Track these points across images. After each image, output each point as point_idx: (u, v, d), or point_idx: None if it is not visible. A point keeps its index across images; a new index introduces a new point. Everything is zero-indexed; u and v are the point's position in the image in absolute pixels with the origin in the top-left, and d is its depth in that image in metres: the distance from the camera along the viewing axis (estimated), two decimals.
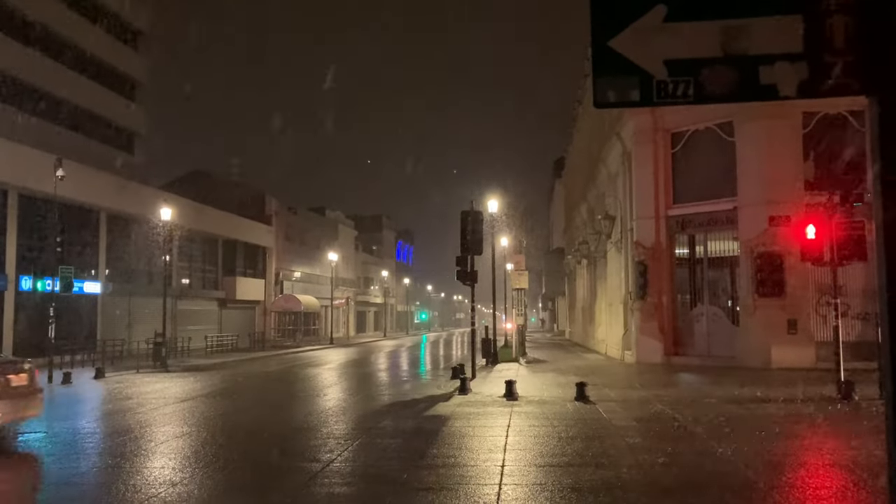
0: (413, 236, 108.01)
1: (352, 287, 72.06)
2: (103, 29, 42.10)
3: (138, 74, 46.40)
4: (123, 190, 34.15)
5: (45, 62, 36.80)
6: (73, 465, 9.19)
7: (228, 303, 46.47)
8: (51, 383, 20.23)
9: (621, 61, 2.39)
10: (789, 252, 18.62)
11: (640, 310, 23.20)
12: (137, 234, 34.24)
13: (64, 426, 12.63)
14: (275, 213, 53.77)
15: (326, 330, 57.31)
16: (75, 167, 27.03)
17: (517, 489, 7.14)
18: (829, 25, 2.31)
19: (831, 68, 2.31)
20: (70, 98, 38.64)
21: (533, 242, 49.92)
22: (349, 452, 9.40)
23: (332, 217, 68.39)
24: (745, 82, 2.36)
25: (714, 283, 23.36)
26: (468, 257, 18.80)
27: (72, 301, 28.80)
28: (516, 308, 30.97)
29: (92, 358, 26.60)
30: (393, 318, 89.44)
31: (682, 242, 23.64)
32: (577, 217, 42.07)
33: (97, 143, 40.97)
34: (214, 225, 44.32)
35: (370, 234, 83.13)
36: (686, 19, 2.37)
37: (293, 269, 56.98)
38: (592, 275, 35.55)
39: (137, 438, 11.06)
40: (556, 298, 67.40)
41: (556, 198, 62.51)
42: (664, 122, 22.91)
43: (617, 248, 27.27)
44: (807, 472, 7.94)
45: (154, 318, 30.64)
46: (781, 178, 19.94)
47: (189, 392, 18.24)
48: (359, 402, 15.72)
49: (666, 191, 23.15)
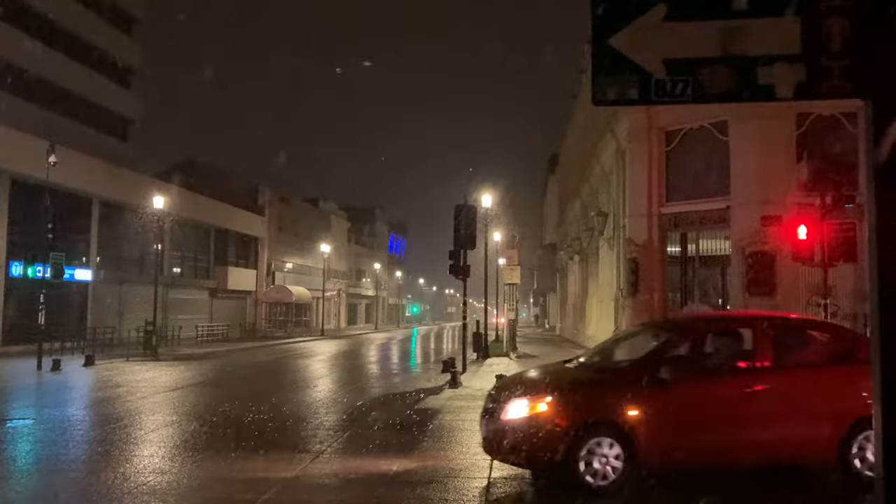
0: (406, 229, 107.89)
1: (344, 279, 71.99)
2: (97, 14, 41.81)
3: (133, 61, 46.09)
4: (116, 177, 34.00)
5: (38, 47, 36.50)
6: (62, 452, 9.17)
7: (220, 292, 46.37)
8: (40, 370, 20.17)
9: (621, 60, 2.40)
10: (780, 252, 18.68)
11: (630, 307, 23.26)
12: (130, 222, 34.06)
13: (53, 413, 12.61)
14: (268, 204, 53.64)
15: (318, 321, 57.29)
16: (68, 153, 26.88)
17: (506, 482, 7.18)
18: (826, 28, 2.33)
19: (828, 71, 2.33)
20: (63, 83, 38.32)
21: (526, 237, 49.98)
22: (339, 444, 9.42)
23: (325, 208, 68.24)
24: (742, 83, 2.38)
25: (705, 281, 23.44)
26: (461, 251, 18.83)
27: (62, 288, 28.65)
28: (508, 303, 31.04)
29: (82, 345, 26.52)
30: (384, 310, 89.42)
31: (674, 240, 23.68)
32: (570, 213, 42.12)
33: (91, 130, 40.69)
34: (207, 214, 44.18)
35: (363, 225, 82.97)
36: (686, 19, 2.38)
37: (285, 259, 56.88)
38: (584, 271, 35.62)
39: (127, 426, 11.05)
40: (547, 294, 67.52)
41: (549, 193, 62.57)
42: (659, 121, 22.93)
43: (609, 244, 27.32)
44: (795, 471, 7.99)
45: (145, 306, 30.56)
46: (774, 179, 20.01)
47: (179, 381, 18.22)
48: (349, 394, 15.74)
49: (659, 189, 23.19)
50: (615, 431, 6.49)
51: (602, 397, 6.88)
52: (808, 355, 7.62)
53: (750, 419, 6.75)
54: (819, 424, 6.77)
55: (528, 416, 6.65)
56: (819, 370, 7.28)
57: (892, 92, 2.26)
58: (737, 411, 6.85)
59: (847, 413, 6.70)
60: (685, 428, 6.69)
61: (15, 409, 13.70)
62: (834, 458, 6.79)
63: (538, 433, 6.51)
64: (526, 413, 6.70)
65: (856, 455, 6.73)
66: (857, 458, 6.73)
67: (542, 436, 6.49)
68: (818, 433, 6.76)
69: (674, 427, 6.66)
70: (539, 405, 6.73)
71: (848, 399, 6.75)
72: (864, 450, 6.66)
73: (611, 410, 6.65)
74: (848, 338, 7.90)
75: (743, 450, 6.72)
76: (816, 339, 7.90)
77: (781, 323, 8.50)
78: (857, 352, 7.09)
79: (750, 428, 6.73)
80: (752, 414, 6.80)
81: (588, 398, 6.91)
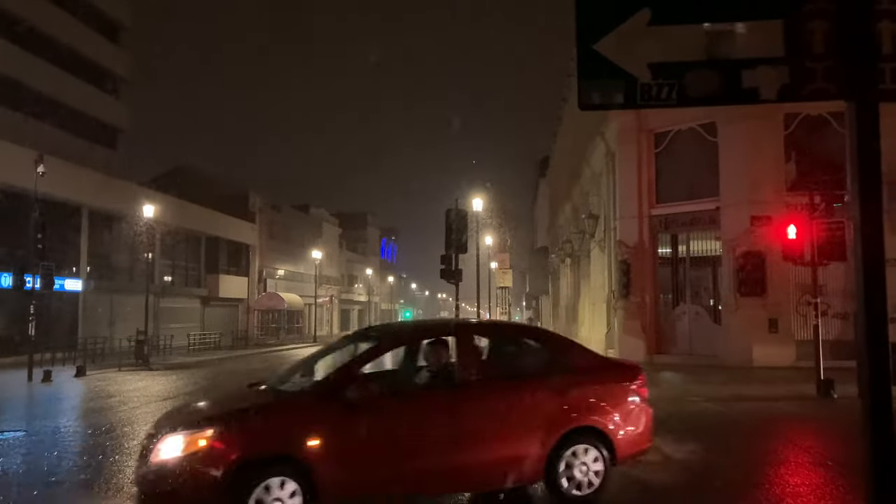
0: (398, 234, 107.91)
1: (336, 285, 71.87)
2: (84, 23, 41.70)
3: (120, 69, 45.99)
4: (105, 186, 33.84)
5: (24, 56, 36.38)
6: (54, 464, 9.11)
7: (211, 300, 46.20)
8: (31, 382, 20.03)
9: (606, 64, 2.42)
10: (771, 252, 18.78)
11: (622, 308, 23.32)
12: (120, 231, 33.93)
13: (44, 425, 12.52)
14: (258, 211, 53.52)
15: (310, 328, 57.14)
16: (56, 163, 26.78)
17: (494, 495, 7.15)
18: (809, 31, 2.36)
19: (811, 73, 2.36)
20: (50, 92, 38.21)
21: (517, 240, 50.05)
22: None
23: (316, 214, 68.13)
24: (727, 86, 2.40)
25: (696, 282, 23.54)
26: (453, 255, 18.84)
27: (53, 298, 28.52)
28: (500, 306, 31.07)
29: (73, 356, 26.35)
30: (377, 315, 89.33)
31: (664, 242, 23.78)
32: (561, 216, 42.22)
33: (79, 139, 40.53)
34: (197, 222, 44.02)
35: (354, 231, 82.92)
36: (670, 23, 2.40)
37: (277, 266, 56.75)
38: (576, 273, 35.69)
39: (120, 437, 10.98)
40: (539, 297, 67.58)
41: (540, 196, 62.68)
42: (648, 123, 23.04)
43: (600, 247, 27.40)
44: (785, 469, 8.04)
45: (136, 315, 30.41)
46: (763, 179, 20.13)
47: (171, 390, 18.13)
48: None
49: (649, 190, 23.28)
50: (291, 467, 5.46)
51: (274, 427, 5.71)
52: (517, 366, 6.87)
53: (454, 441, 5.95)
54: (529, 442, 6.10)
55: (183, 456, 5.39)
56: (529, 381, 6.53)
57: (875, 93, 2.29)
58: (438, 433, 5.99)
59: (556, 427, 6.18)
60: (376, 457, 5.79)
61: (6, 421, 13.58)
62: (543, 477, 6.20)
63: (195, 477, 5.33)
64: (181, 452, 5.41)
65: (563, 473, 6.17)
66: (563, 478, 6.18)
67: (199, 480, 5.32)
68: (528, 452, 6.09)
69: (363, 457, 5.73)
70: (198, 441, 5.43)
71: (558, 412, 6.27)
72: (572, 467, 6.19)
73: (284, 442, 5.59)
74: (561, 346, 7.28)
75: (448, 477, 6.01)
76: (527, 347, 7.29)
77: (489, 330, 7.92)
78: (570, 360, 6.78)
79: (454, 451, 5.93)
80: (455, 435, 5.97)
81: (257, 429, 5.67)
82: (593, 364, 6.94)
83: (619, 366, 7.45)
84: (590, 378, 6.65)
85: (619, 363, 7.78)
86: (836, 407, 12.37)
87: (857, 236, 2.27)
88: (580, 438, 6.24)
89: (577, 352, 7.06)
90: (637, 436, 6.62)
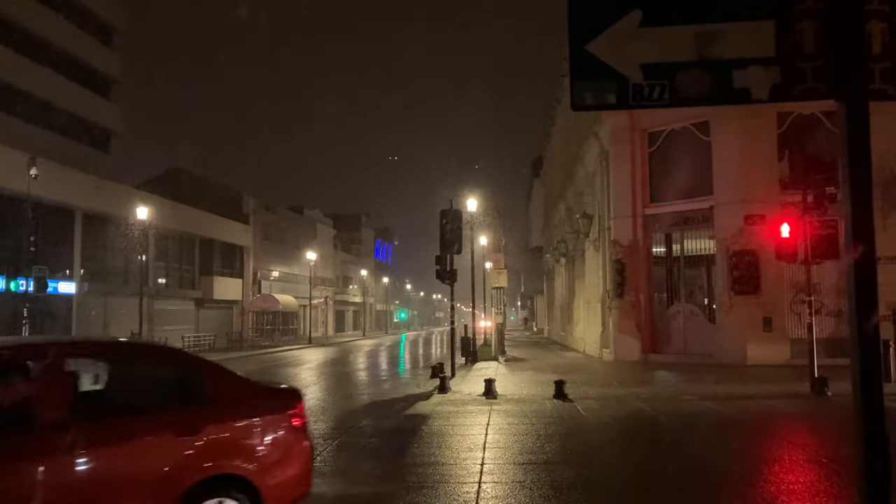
0: (392, 235, 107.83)
1: (331, 286, 71.79)
2: (77, 25, 41.59)
3: (113, 71, 45.89)
4: (99, 189, 33.73)
5: (17, 58, 36.26)
6: None
7: (206, 302, 46.08)
8: None
9: (598, 65, 2.43)
10: (764, 250, 18.86)
11: (617, 308, 23.38)
12: (113, 234, 33.83)
13: None
14: (252, 212, 53.41)
15: (305, 329, 57.06)
16: (49, 165, 26.68)
17: (497, 487, 7.18)
18: (800, 31, 2.37)
19: (802, 73, 2.37)
20: (43, 95, 38.10)
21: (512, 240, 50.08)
22: (329, 452, 9.39)
23: (310, 216, 68.05)
24: (718, 86, 2.41)
25: (691, 281, 23.63)
26: (447, 256, 18.84)
27: (46, 301, 28.41)
28: (495, 306, 31.07)
29: None
30: (372, 317, 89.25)
31: (658, 241, 23.86)
32: (555, 216, 42.27)
33: (72, 142, 40.42)
34: (191, 224, 43.92)
35: (349, 232, 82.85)
36: (661, 24, 2.41)
37: (271, 268, 56.64)
38: (571, 273, 35.74)
39: None
40: (535, 297, 67.67)
41: (534, 196, 62.74)
42: (641, 122, 23.10)
43: (595, 246, 27.45)
44: (780, 467, 8.07)
45: (130, 318, 30.32)
46: (756, 178, 20.21)
47: None
48: (338, 402, 15.68)
49: (643, 190, 23.35)
50: None
51: None
52: (128, 400, 5.32)
53: None
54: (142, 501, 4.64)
55: None
56: (144, 420, 4.90)
57: (865, 92, 2.30)
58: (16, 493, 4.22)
59: (180, 480, 4.72)
60: None
61: None
62: None
63: None
64: None
65: None
66: None
67: None
68: None
69: None
70: None
71: (184, 459, 4.82)
72: None
73: None
74: (194, 371, 5.62)
75: None
76: (146, 374, 5.64)
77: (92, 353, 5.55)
78: (206, 389, 5.33)
79: None
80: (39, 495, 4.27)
81: None
82: (237, 392, 5.51)
83: (271, 393, 5.97)
84: (231, 411, 5.24)
85: (270, 389, 6.12)
86: (830, 404, 12.42)
87: (848, 234, 2.28)
88: (217, 491, 4.86)
89: (216, 378, 5.57)
90: (293, 479, 5.35)
